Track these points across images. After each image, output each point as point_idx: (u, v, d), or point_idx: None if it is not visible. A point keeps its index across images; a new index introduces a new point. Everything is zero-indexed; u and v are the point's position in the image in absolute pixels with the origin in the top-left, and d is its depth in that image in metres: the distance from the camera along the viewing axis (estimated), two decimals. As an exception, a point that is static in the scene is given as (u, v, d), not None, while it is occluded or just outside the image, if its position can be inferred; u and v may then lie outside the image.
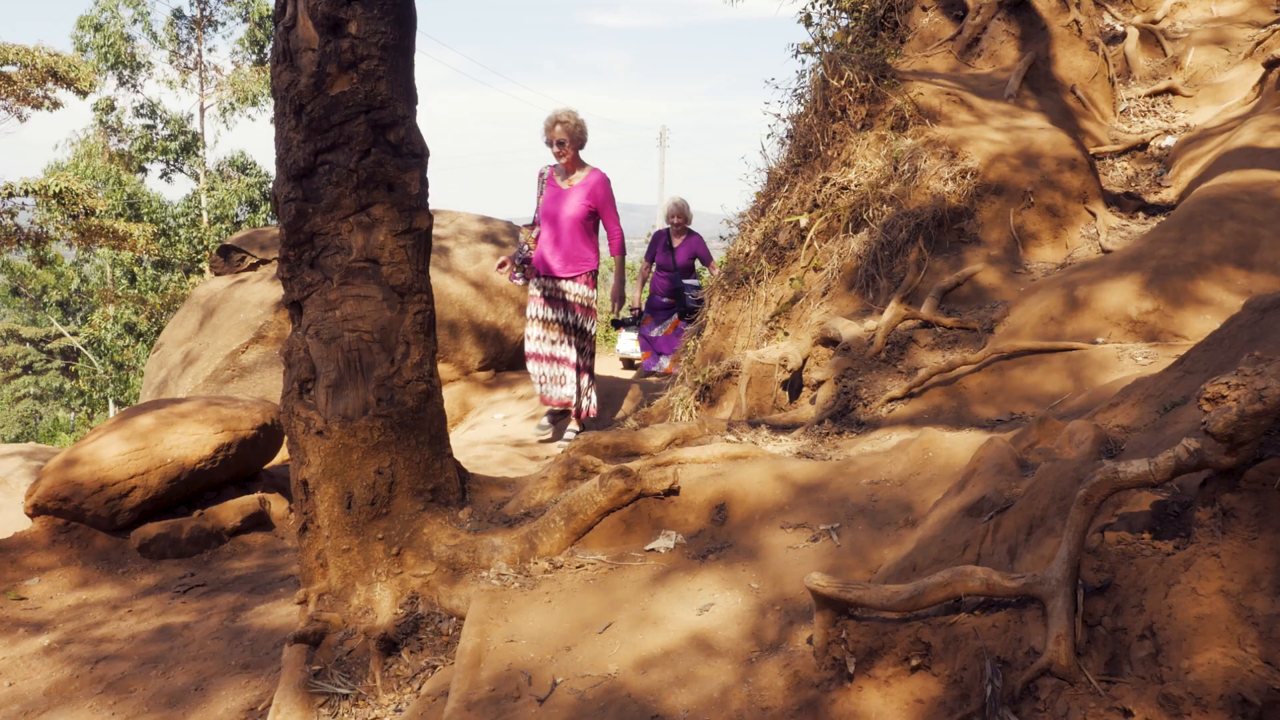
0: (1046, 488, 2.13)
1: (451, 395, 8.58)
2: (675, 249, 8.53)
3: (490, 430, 7.80)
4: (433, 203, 3.12)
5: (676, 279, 8.60)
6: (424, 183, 3.08)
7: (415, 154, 3.05)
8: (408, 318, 3.05)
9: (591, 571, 2.80)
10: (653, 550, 2.86)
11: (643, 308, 9.00)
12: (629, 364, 10.79)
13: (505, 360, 8.96)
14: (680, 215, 8.61)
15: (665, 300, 8.80)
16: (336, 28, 2.88)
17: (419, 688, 2.64)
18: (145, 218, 23.34)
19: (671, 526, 2.94)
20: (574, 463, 3.22)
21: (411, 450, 3.02)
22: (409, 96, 3.07)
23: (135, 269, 25.61)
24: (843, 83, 5.13)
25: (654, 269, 8.82)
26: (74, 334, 27.64)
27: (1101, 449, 2.36)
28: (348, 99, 2.90)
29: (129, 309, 23.72)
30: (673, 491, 2.96)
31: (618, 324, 9.54)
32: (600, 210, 6.01)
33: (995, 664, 1.91)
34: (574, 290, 6.05)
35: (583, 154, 6.15)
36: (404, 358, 3.03)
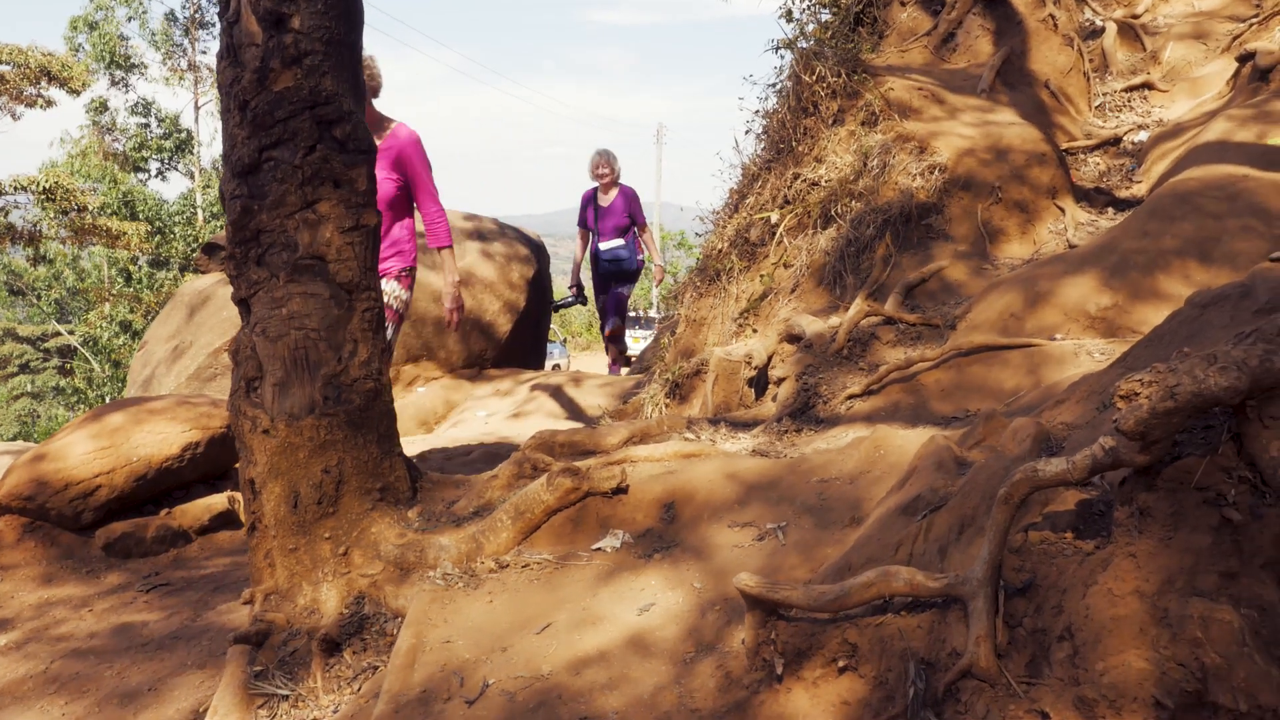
0: (978, 486, 2.11)
1: (435, 392, 8.58)
2: (604, 208, 7.58)
3: (473, 428, 7.79)
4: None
5: (595, 241, 7.62)
6: (371, 179, 3.06)
7: (362, 150, 3.02)
8: (355, 315, 3.02)
9: (537, 571, 2.77)
10: (599, 549, 2.83)
11: (581, 285, 8.14)
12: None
13: (489, 358, 8.95)
14: (606, 166, 7.51)
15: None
16: (280, 23, 2.85)
17: (359, 688, 2.62)
18: (141, 216, 23.37)
19: (620, 525, 2.92)
20: (525, 461, 3.20)
21: (359, 449, 3.00)
22: (356, 92, 3.04)
23: (130, 267, 25.62)
24: (814, 78, 5.10)
25: (592, 236, 7.85)
26: (70, 332, 27.64)
27: (1043, 447, 2.33)
28: (292, 95, 2.88)
29: (124, 307, 23.74)
30: (621, 490, 2.94)
31: (556, 307, 8.94)
32: (412, 182, 4.30)
33: (919, 665, 1.89)
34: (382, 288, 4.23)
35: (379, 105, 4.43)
36: (351, 356, 3.00)
